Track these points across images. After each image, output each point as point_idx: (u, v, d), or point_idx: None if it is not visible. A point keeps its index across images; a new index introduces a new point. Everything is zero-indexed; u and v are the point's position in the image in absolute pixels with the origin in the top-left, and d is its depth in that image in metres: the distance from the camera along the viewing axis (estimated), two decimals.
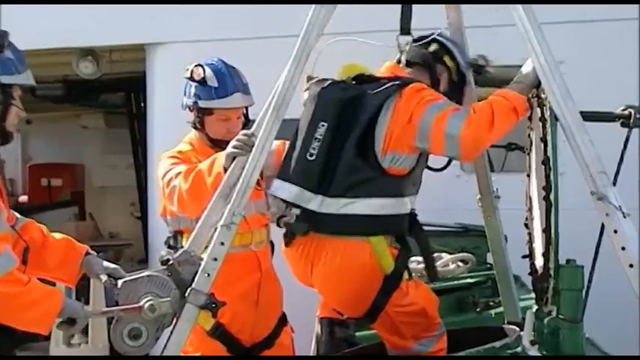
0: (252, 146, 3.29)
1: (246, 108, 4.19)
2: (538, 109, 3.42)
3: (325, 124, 3.41)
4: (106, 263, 3.35)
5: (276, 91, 3.27)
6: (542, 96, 3.33)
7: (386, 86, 3.39)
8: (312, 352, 3.97)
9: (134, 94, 9.95)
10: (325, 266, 3.40)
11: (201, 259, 3.14)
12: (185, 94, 4.18)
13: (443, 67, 3.61)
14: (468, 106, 3.47)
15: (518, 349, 3.20)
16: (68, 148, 11.33)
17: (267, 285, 4.20)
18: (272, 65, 3.54)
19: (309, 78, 3.74)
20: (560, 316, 3.19)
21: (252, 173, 3.21)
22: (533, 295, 3.63)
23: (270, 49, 5.66)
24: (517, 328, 3.50)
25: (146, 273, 3.14)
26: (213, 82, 4.10)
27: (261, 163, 3.23)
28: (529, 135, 3.74)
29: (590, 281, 3.25)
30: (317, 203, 3.36)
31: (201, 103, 4.09)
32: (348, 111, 3.41)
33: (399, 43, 3.52)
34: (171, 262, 3.13)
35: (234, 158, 3.39)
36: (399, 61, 3.61)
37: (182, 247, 3.94)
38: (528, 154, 3.74)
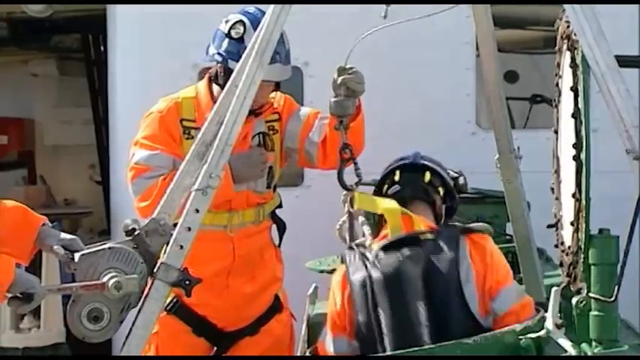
0: None
1: None
2: (568, 53, 3.42)
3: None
4: (62, 234, 3.35)
5: (260, 34, 3.25)
6: (574, 37, 3.32)
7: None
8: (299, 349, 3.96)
9: (92, 36, 9.88)
10: None
11: (173, 229, 3.16)
12: (213, 43, 4.17)
13: (437, 195, 3.84)
14: None
15: (542, 333, 3.23)
16: (14, 100, 11.24)
17: (241, 269, 4.24)
18: None
19: (342, 70, 3.78)
20: (591, 295, 3.22)
21: (232, 128, 3.21)
22: (559, 271, 3.67)
23: None
24: (541, 309, 3.53)
25: (108, 245, 3.14)
26: None
27: (242, 117, 3.22)
28: (557, 84, 3.74)
29: (626, 254, 3.27)
30: None
31: (232, 65, 3.97)
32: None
33: None
34: (137, 231, 3.14)
35: None
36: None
37: None
38: (556, 106, 3.75)
